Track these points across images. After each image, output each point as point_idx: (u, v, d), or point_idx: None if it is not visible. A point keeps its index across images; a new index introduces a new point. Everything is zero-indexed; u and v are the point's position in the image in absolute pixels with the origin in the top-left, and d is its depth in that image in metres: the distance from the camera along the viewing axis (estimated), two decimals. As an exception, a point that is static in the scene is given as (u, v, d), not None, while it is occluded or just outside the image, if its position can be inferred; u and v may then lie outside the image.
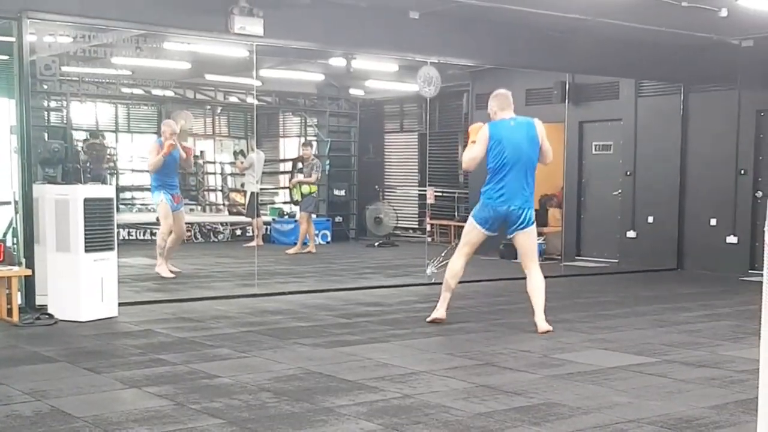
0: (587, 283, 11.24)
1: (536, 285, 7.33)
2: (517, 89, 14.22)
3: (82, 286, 7.40)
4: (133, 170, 18.96)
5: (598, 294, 10.04)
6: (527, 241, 7.35)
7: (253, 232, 15.26)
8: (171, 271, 10.55)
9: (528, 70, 12.97)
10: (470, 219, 7.51)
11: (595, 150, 13.80)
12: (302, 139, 17.87)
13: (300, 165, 15.55)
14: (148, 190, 19.08)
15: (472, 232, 7.44)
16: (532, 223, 7.33)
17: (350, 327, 7.39)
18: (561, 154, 13.63)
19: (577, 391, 5.18)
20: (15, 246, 7.68)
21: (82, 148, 16.85)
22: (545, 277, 7.46)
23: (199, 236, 16.10)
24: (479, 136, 7.27)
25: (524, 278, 7.44)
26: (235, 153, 19.22)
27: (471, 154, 7.30)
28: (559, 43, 11.05)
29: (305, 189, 14.48)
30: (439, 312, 7.57)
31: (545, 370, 5.74)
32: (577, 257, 13.70)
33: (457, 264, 7.52)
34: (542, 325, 7.23)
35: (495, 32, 10.54)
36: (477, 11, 9.33)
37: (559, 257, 13.25)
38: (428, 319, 7.60)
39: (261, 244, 14.69)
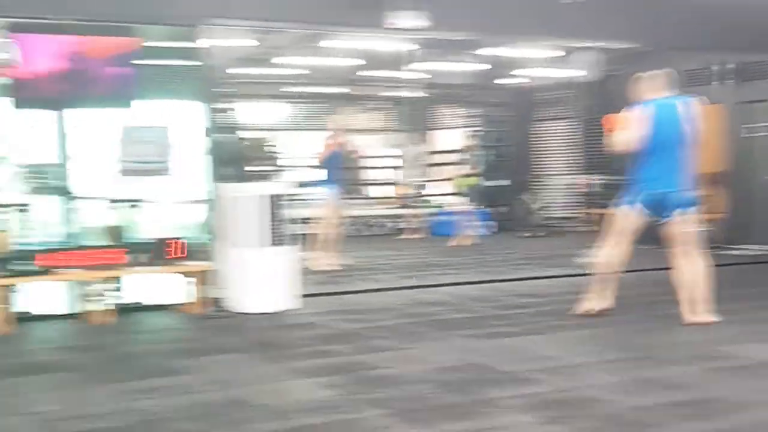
0: (753, 272, 10.76)
1: (700, 271, 6.93)
2: (677, 70, 13.78)
3: (259, 279, 7.80)
4: (309, 167, 19.67)
5: (763, 284, 9.61)
6: (679, 226, 6.95)
7: (414, 224, 15.47)
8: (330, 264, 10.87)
9: (692, 52, 12.44)
10: (623, 205, 7.16)
11: (762, 132, 13.13)
12: (463, 131, 17.86)
13: (461, 157, 15.59)
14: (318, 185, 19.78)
15: (627, 218, 7.08)
16: (693, 205, 6.99)
17: (508, 318, 7.43)
18: (721, 138, 13.10)
19: (739, 386, 5.04)
20: (206, 243, 8.12)
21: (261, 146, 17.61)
22: (709, 265, 7.14)
23: (363, 229, 16.44)
24: (636, 117, 6.90)
25: None
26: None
27: (630, 135, 6.89)
28: (725, 22, 10.45)
29: (468, 181, 14.51)
30: (591, 303, 7.33)
31: (704, 363, 5.60)
32: (742, 245, 13.10)
33: (608, 252, 7.23)
34: (689, 317, 6.92)
35: (660, 13, 10.10)
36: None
37: (723, 245, 12.72)
38: (582, 311, 7.40)
39: (422, 236, 14.86)
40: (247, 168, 8.58)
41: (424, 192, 17.66)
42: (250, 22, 8.85)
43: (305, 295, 8.76)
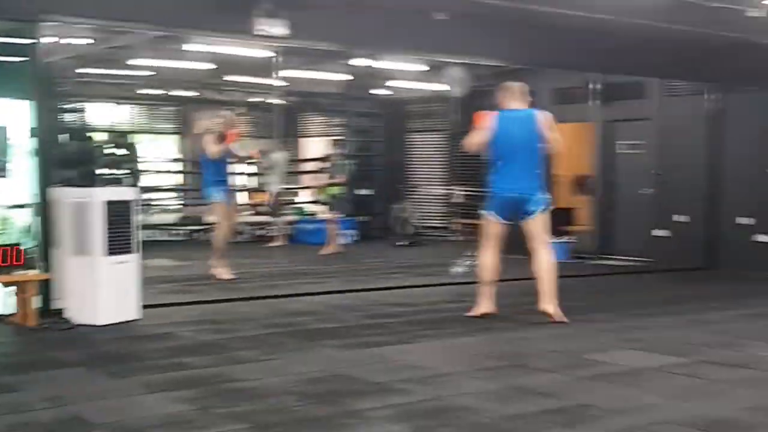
0: (617, 282, 11.10)
1: (544, 265, 7.47)
2: (545, 89, 14.20)
3: (102, 290, 7.35)
4: (158, 171, 19.03)
5: (628, 293, 9.91)
6: (535, 225, 7.51)
7: (276, 232, 15.23)
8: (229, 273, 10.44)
9: (555, 70, 12.87)
10: (482, 212, 7.73)
11: (624, 149, 13.66)
12: (327, 140, 17.82)
13: (326, 165, 15.50)
14: (168, 190, 19.22)
15: (489, 225, 7.65)
16: (539, 209, 7.49)
17: (377, 328, 7.31)
18: (588, 154, 13.57)
19: (609, 392, 5.08)
20: (32, 249, 7.62)
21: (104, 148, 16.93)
22: (574, 276, 7.42)
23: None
24: (484, 124, 7.51)
25: (562, 276, 7.57)
26: (257, 153, 19.12)
27: (476, 139, 7.55)
28: (585, 43, 10.90)
29: (333, 190, 14.44)
30: (480, 308, 7.73)
31: (577, 371, 5.63)
32: (606, 256, 13.55)
33: (484, 258, 7.69)
34: (552, 309, 7.40)
35: (523, 32, 10.40)
36: (503, 11, 9.20)
37: (589, 256, 13.11)
38: (468, 314, 7.71)
39: (284, 244, 14.66)
40: (92, 171, 8.05)
41: (288, 199, 17.45)
42: (100, 20, 8.42)
43: (160, 305, 8.39)
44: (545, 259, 7.51)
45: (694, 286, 10.60)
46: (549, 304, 7.47)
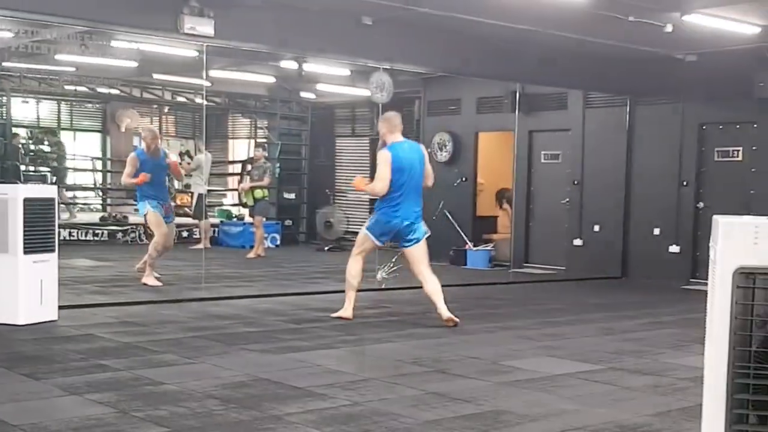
0: (535, 290, 11.33)
1: (433, 287, 7.86)
2: (469, 97, 14.42)
3: (20, 289, 7.20)
4: (75, 169, 18.65)
5: (545, 301, 10.12)
6: (419, 251, 7.88)
7: (200, 234, 15.09)
8: (158, 279, 10.09)
9: (479, 79, 13.08)
10: (364, 230, 8.04)
11: (544, 159, 13.93)
12: (252, 142, 17.74)
13: (250, 167, 15.42)
14: (89, 189, 18.89)
15: (366, 242, 7.99)
16: (423, 236, 7.88)
17: (300, 332, 7.33)
18: (510, 163, 13.80)
19: (525, 398, 5.20)
20: None
21: (24, 145, 16.52)
22: (494, 283, 7.57)
23: (144, 238, 15.84)
24: (382, 159, 7.77)
25: (477, 285, 7.56)
26: (181, 154, 18.99)
27: (382, 177, 7.71)
28: (508, 53, 11.13)
29: (258, 193, 14.33)
30: (347, 311, 8.01)
31: (494, 377, 5.75)
32: (525, 264, 13.80)
33: (355, 266, 7.98)
34: (446, 313, 7.74)
35: (447, 40, 10.58)
36: (429, 19, 9.35)
37: (508, 264, 13.35)
38: (333, 315, 8.02)
39: (208, 247, 14.52)
40: (15, 167, 7.87)
41: (211, 201, 17.31)
42: (25, 13, 8.25)
43: (78, 306, 8.26)
44: (432, 280, 7.87)
45: (609, 295, 10.89)
46: (447, 311, 7.79)
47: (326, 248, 16.08)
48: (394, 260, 10.53)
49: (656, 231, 12.53)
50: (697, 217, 12.09)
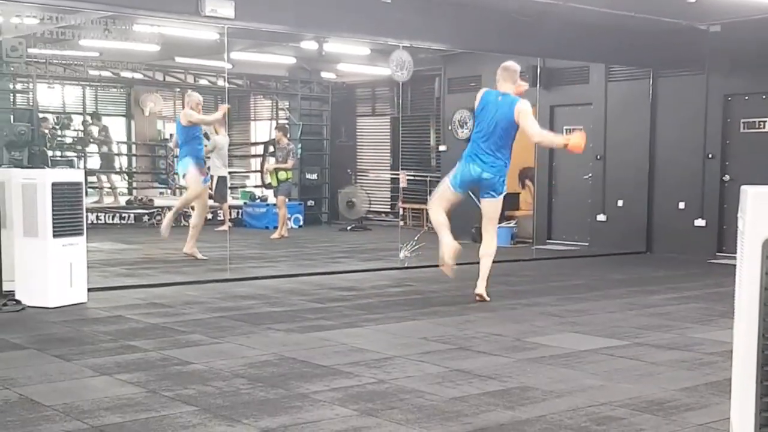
0: (558, 267, 11.29)
1: (486, 250, 7.91)
2: (489, 73, 14.32)
3: (50, 272, 7.28)
4: (120, 153, 18.80)
5: (569, 277, 10.08)
6: (491, 207, 7.91)
7: (223, 216, 15.16)
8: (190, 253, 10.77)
9: (499, 54, 12.98)
10: (445, 179, 8.02)
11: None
12: (275, 123, 17.73)
13: (272, 149, 15.42)
14: (117, 173, 18.99)
15: (446, 191, 7.93)
16: (501, 193, 7.86)
17: (324, 312, 7.36)
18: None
19: (550, 375, 5.19)
20: None
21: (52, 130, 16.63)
22: (517, 260, 7.55)
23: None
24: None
25: (500, 261, 7.60)
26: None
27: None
28: (529, 28, 11.04)
29: (282, 175, 14.34)
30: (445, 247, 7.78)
31: (518, 354, 5.74)
32: (548, 240, 13.75)
33: (436, 215, 7.89)
34: (478, 289, 7.85)
35: (466, 16, 10.51)
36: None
37: (531, 241, 13.30)
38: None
39: (230, 228, 14.60)
40: (40, 152, 7.95)
41: (234, 183, 17.35)
42: (58, 1, 8.30)
43: (106, 288, 8.34)
44: (490, 244, 7.92)
45: (633, 271, 10.83)
46: (480, 288, 7.90)
47: (348, 228, 16.11)
48: (416, 238, 10.54)
49: (681, 205, 12.43)
50: (723, 191, 11.98)
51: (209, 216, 15.89)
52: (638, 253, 12.63)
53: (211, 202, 16.07)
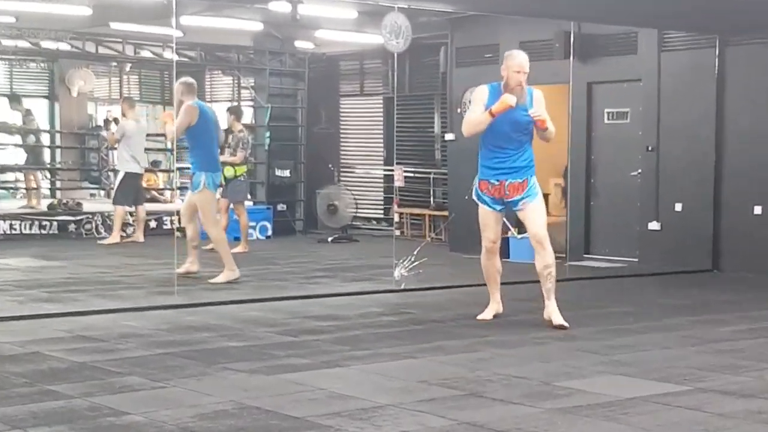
0: (599, 289, 11.32)
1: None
2: (509, 42, 14.35)
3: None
4: (16, 145, 18.77)
5: (612, 303, 10.10)
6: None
7: (136, 223, 15.16)
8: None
9: (521, 18, 13.00)
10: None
11: (608, 119, 13.87)
12: (236, 107, 17.70)
13: (229, 139, 15.34)
14: (38, 170, 18.99)
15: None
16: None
17: (297, 347, 7.36)
18: (564, 125, 13.73)
19: (587, 430, 5.19)
20: None
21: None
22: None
23: (102, 230, 15.91)
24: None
25: (522, 282, 7.62)
26: (106, 121, 18.93)
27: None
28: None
29: (228, 172, 14.14)
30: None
31: (546, 403, 5.74)
32: (585, 255, 13.77)
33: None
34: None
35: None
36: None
37: (563, 256, 13.30)
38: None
39: (142, 240, 14.67)
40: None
41: (182, 182, 17.35)
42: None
43: (20, 317, 8.35)
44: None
45: (695, 294, 10.85)
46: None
47: (330, 239, 16.11)
48: (416, 252, 10.53)
49: (757, 209, 12.44)
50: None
51: (153, 224, 15.95)
52: (702, 272, 12.65)
53: (161, 206, 16.11)
